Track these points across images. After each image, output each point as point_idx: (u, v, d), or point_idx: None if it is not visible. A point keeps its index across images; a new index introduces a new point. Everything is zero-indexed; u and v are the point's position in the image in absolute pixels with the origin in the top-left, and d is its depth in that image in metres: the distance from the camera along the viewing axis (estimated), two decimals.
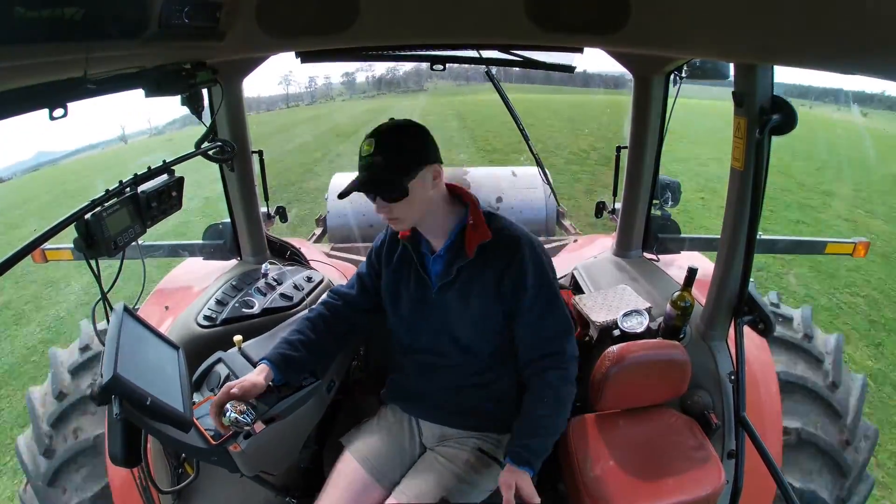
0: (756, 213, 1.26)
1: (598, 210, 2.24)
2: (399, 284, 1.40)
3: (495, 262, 1.28)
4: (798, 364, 1.81)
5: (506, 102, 2.68)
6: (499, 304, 1.30)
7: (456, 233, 1.32)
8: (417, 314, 1.38)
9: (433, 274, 1.35)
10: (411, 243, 1.37)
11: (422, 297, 1.36)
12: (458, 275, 1.30)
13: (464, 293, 1.31)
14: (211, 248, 2.05)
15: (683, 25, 1.05)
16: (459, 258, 1.30)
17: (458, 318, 1.33)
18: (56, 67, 0.77)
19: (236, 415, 1.16)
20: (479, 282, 1.30)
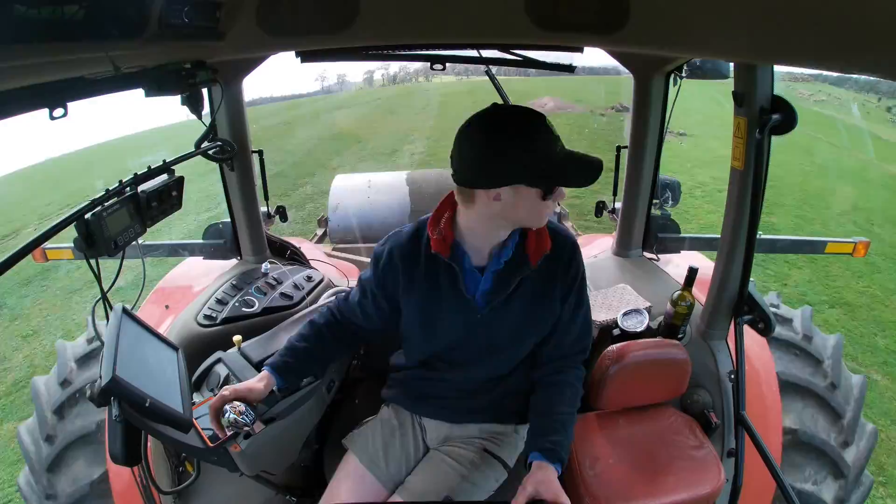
0: (756, 213, 1.26)
1: (598, 209, 2.24)
2: (433, 308, 1.25)
3: (555, 269, 1.22)
4: (797, 365, 1.81)
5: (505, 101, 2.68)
6: (552, 312, 1.24)
7: (515, 244, 1.20)
8: (458, 338, 1.27)
9: (480, 291, 1.22)
10: (455, 261, 1.19)
11: (465, 318, 1.23)
12: (518, 288, 1.20)
13: (524, 306, 1.22)
14: (211, 248, 2.05)
15: (683, 25, 1.05)
16: (521, 270, 1.19)
17: (506, 333, 1.25)
18: (56, 67, 0.77)
19: (235, 416, 1.17)
20: (542, 292, 1.22)
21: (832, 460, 1.62)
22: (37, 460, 1.65)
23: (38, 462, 1.65)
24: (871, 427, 1.73)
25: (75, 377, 1.79)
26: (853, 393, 1.75)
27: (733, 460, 1.38)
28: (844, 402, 1.72)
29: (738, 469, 1.35)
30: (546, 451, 1.15)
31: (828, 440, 1.64)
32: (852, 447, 1.66)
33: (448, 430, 1.41)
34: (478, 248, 1.21)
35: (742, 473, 1.35)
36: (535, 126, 1.06)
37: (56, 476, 1.62)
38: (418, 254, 1.23)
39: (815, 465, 1.62)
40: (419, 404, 1.42)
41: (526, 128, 1.06)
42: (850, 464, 1.62)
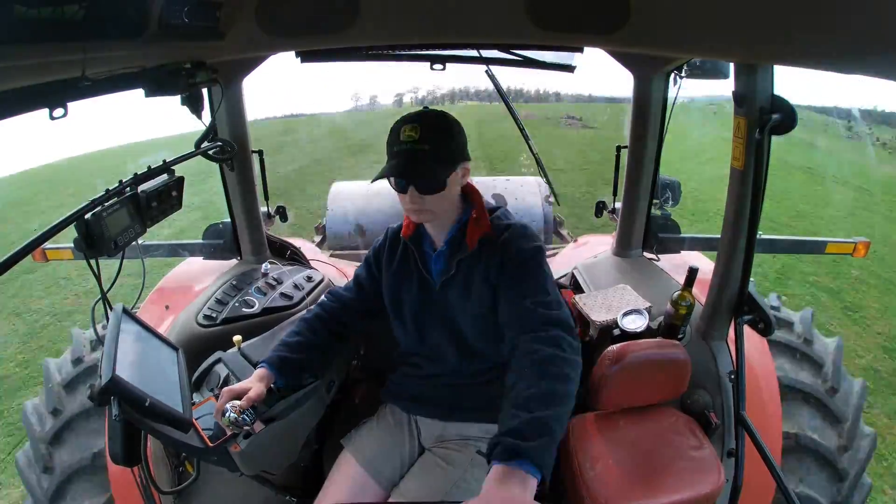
0: (756, 213, 1.26)
1: (598, 210, 2.24)
2: (401, 287, 1.38)
3: (492, 251, 1.26)
4: (798, 368, 1.80)
5: (506, 102, 2.68)
6: (490, 293, 1.27)
7: (457, 227, 1.30)
8: (421, 315, 1.37)
9: (435, 272, 1.33)
10: (413, 242, 1.36)
11: (425, 297, 1.35)
12: (459, 268, 1.29)
13: (465, 287, 1.29)
14: (211, 248, 2.05)
15: (683, 25, 1.05)
16: (460, 251, 1.28)
17: (461, 315, 1.32)
18: (56, 67, 0.77)
19: (235, 415, 1.17)
20: (478, 273, 1.27)
21: (831, 465, 1.61)
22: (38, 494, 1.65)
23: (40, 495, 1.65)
24: (870, 431, 1.72)
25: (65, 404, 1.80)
26: (853, 397, 1.74)
27: (733, 460, 1.38)
28: (844, 407, 1.71)
29: (738, 469, 1.35)
30: (499, 451, 0.87)
31: (827, 445, 1.63)
32: (851, 452, 1.65)
33: (442, 429, 1.41)
34: (434, 232, 1.34)
35: (742, 473, 1.35)
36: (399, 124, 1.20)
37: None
38: (399, 238, 1.40)
39: (814, 469, 1.62)
40: (413, 404, 1.44)
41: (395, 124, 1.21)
42: (849, 468, 1.62)
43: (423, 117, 1.20)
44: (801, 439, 1.63)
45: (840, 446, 1.65)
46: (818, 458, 1.62)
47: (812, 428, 1.66)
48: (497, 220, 1.30)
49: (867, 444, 1.68)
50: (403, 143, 1.17)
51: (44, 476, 1.65)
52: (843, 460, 1.62)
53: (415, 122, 1.18)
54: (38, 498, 1.63)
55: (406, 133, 1.18)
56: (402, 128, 1.19)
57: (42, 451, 1.67)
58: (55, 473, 1.64)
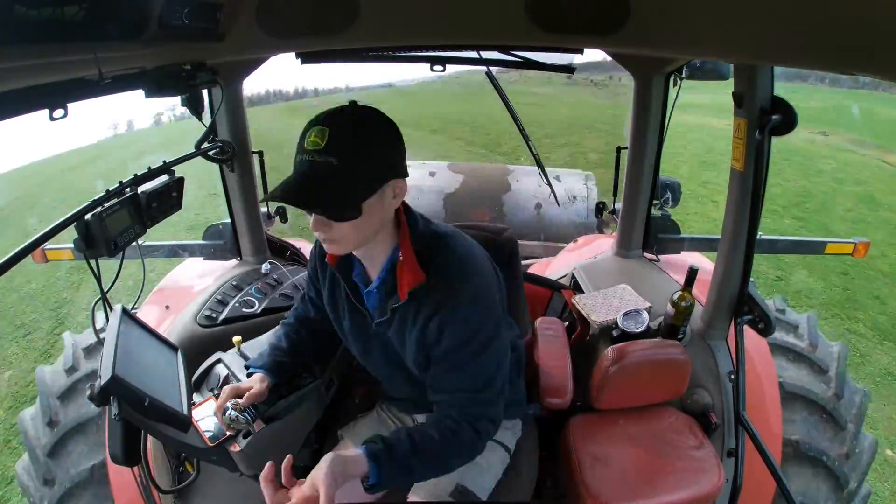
0: (756, 214, 1.27)
1: (598, 210, 2.24)
2: (337, 311, 1.21)
3: (428, 304, 1.02)
4: (802, 374, 1.78)
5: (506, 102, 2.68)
6: (421, 349, 1.07)
7: (387, 269, 1.07)
8: (361, 346, 1.20)
9: (370, 307, 1.14)
10: (341, 272, 1.14)
11: (362, 329, 1.17)
12: (393, 316, 1.08)
13: (400, 336, 1.10)
14: (211, 248, 2.05)
15: (683, 26, 1.05)
16: (392, 299, 1.07)
17: (398, 351, 1.15)
18: (56, 68, 0.77)
19: (236, 413, 1.17)
20: (412, 325, 1.06)
21: (832, 473, 1.61)
22: None
23: None
24: (871, 439, 1.72)
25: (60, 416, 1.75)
26: (856, 404, 1.74)
27: (733, 460, 1.38)
28: (847, 414, 1.70)
29: (738, 469, 1.35)
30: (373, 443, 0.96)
31: (829, 452, 1.62)
32: (853, 459, 1.64)
33: None
34: (368, 261, 1.10)
35: (742, 473, 1.35)
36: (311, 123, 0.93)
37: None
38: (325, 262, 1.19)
39: (814, 476, 1.60)
40: (405, 404, 1.42)
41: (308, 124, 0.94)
42: (849, 476, 1.61)
43: (337, 117, 0.92)
44: (802, 446, 1.61)
45: (842, 454, 1.64)
46: (819, 466, 1.61)
47: (814, 435, 1.65)
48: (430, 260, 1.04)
49: (869, 452, 1.67)
50: (306, 151, 0.91)
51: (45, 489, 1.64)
52: (845, 468, 1.62)
53: (324, 123, 0.91)
54: None
55: (310, 139, 0.90)
56: (309, 131, 0.91)
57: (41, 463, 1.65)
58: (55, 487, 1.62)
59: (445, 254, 1.05)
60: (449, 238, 1.09)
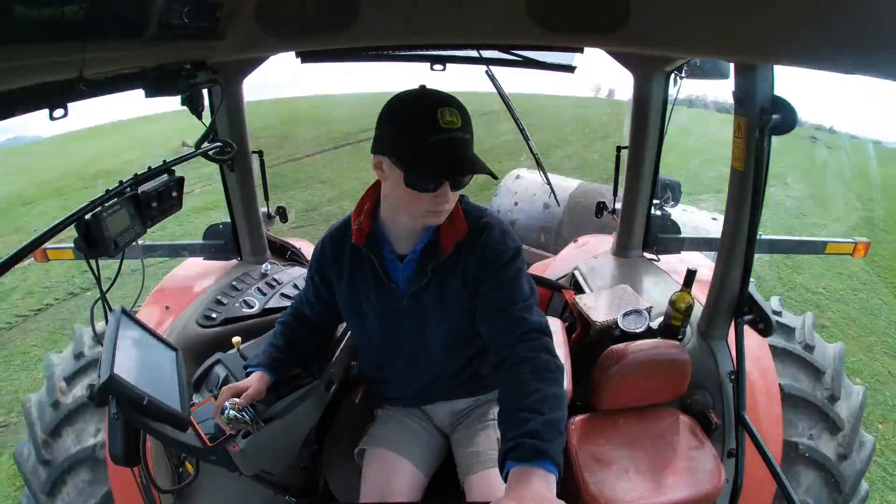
0: (756, 213, 1.26)
1: (598, 210, 2.23)
2: (359, 297, 1.25)
3: (468, 253, 1.15)
4: (798, 376, 1.78)
5: (506, 102, 2.68)
6: (466, 290, 1.17)
7: (432, 231, 1.16)
8: (388, 326, 1.25)
9: (401, 280, 1.20)
10: (371, 251, 1.19)
11: (390, 308, 1.23)
12: (433, 275, 1.17)
13: (439, 294, 1.18)
14: (211, 248, 2.05)
15: (683, 25, 1.05)
16: (435, 257, 1.16)
17: (434, 323, 1.22)
18: (56, 67, 0.77)
19: (235, 412, 1.17)
20: (455, 278, 1.16)
21: (829, 473, 1.60)
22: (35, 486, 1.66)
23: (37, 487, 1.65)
24: (869, 439, 1.72)
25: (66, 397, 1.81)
26: (852, 404, 1.74)
27: (733, 461, 1.37)
28: (844, 414, 1.70)
29: (739, 469, 1.35)
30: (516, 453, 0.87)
31: (827, 453, 1.62)
32: (850, 460, 1.64)
33: (450, 407, 1.41)
34: (398, 236, 1.19)
35: (742, 474, 1.35)
36: (428, 107, 0.99)
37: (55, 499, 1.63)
38: (345, 245, 1.23)
39: (811, 478, 1.60)
40: (408, 401, 1.42)
41: (418, 106, 1.01)
42: (847, 476, 1.61)
43: (455, 102, 1.02)
44: (800, 448, 1.61)
45: (839, 455, 1.64)
46: (817, 467, 1.61)
47: (811, 436, 1.65)
48: (472, 219, 1.18)
49: (866, 452, 1.67)
50: (445, 130, 0.98)
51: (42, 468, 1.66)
52: (842, 468, 1.62)
53: (451, 104, 1.00)
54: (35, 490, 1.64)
55: (447, 119, 0.98)
56: (440, 111, 0.98)
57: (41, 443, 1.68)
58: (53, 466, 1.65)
59: (479, 212, 1.19)
60: (479, 206, 1.22)
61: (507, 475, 0.86)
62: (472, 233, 1.16)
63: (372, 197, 1.21)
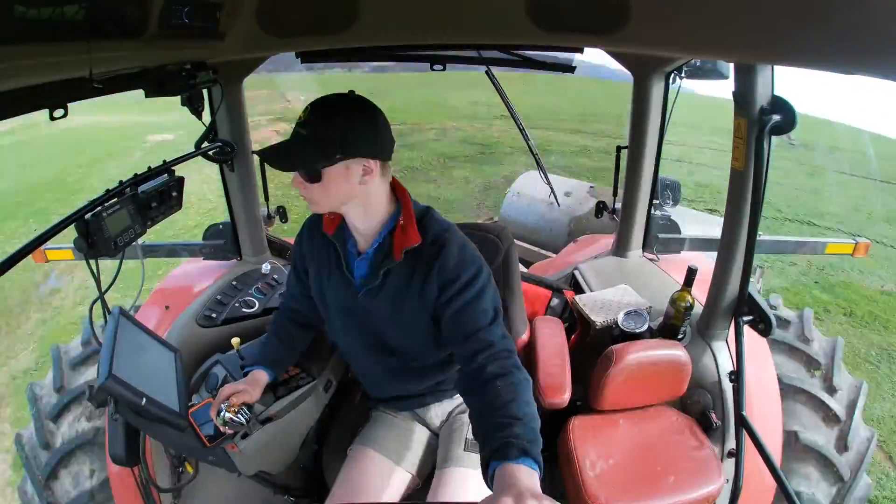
0: (756, 214, 1.26)
1: (598, 210, 2.23)
2: (323, 286, 1.29)
3: (422, 266, 1.15)
4: (796, 367, 1.80)
5: (505, 102, 2.69)
6: (425, 311, 1.18)
7: (384, 234, 1.19)
8: (345, 318, 1.28)
9: (357, 276, 1.23)
10: (338, 241, 1.24)
11: (349, 302, 1.25)
12: (385, 279, 1.19)
13: (393, 299, 1.20)
14: (211, 248, 2.05)
15: (683, 26, 1.05)
16: (387, 261, 1.17)
17: (387, 325, 1.23)
18: (56, 67, 0.77)
19: (230, 415, 1.17)
20: (406, 287, 1.17)
21: (830, 464, 1.61)
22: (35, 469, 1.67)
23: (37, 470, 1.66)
24: (868, 431, 1.72)
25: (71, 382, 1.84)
26: (852, 396, 1.74)
27: (734, 461, 1.37)
28: (843, 406, 1.71)
29: (739, 470, 1.35)
30: (501, 451, 0.90)
31: (826, 444, 1.63)
32: (851, 451, 1.65)
33: (441, 409, 1.42)
34: (356, 232, 1.22)
35: (742, 474, 1.35)
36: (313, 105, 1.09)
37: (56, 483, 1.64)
38: (317, 234, 1.29)
39: (812, 468, 1.61)
40: (393, 402, 1.43)
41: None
42: (848, 467, 1.61)
43: (322, 100, 1.10)
44: (799, 438, 1.62)
45: (840, 446, 1.65)
46: (817, 457, 1.61)
47: (810, 427, 1.66)
48: (430, 233, 1.17)
49: (866, 443, 1.68)
50: (298, 124, 1.09)
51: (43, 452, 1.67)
52: (842, 459, 1.62)
53: (313, 103, 1.09)
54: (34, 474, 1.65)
55: (301, 115, 1.09)
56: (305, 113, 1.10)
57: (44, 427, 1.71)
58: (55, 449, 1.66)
59: (440, 227, 1.19)
60: (444, 222, 1.22)
61: (493, 476, 0.88)
62: (427, 246, 1.16)
63: None
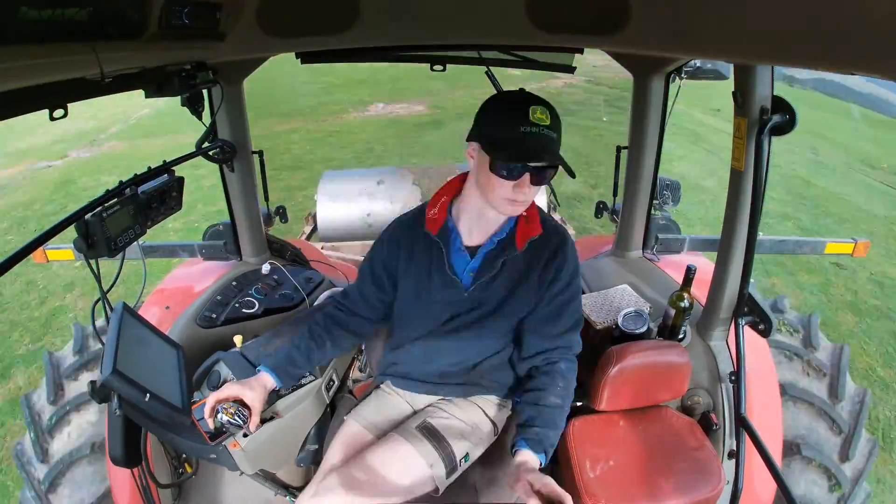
0: (756, 214, 1.26)
1: (598, 210, 2.23)
2: (424, 283, 1.31)
3: (542, 255, 1.26)
4: (801, 375, 1.78)
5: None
6: (535, 298, 1.28)
7: (512, 225, 1.27)
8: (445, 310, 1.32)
9: (465, 271, 1.28)
10: (442, 240, 1.28)
11: (451, 295, 1.30)
12: (503, 268, 1.26)
13: (508, 287, 1.27)
14: (211, 249, 2.05)
15: (683, 26, 1.05)
16: (508, 251, 1.26)
17: (490, 312, 1.29)
18: (56, 68, 0.77)
19: (227, 417, 1.16)
20: (525, 275, 1.26)
21: (831, 475, 1.60)
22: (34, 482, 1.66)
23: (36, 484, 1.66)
24: (871, 439, 1.71)
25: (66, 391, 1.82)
26: (855, 405, 1.73)
27: (734, 462, 1.37)
28: (846, 415, 1.70)
29: (739, 471, 1.35)
30: (531, 441, 1.15)
31: (828, 454, 1.62)
32: (853, 461, 1.64)
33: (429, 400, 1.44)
34: (471, 229, 1.28)
35: (742, 475, 1.35)
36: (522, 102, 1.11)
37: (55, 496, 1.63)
38: (418, 232, 1.31)
39: (813, 478, 1.60)
40: (412, 383, 1.43)
41: (514, 101, 1.14)
42: (849, 477, 1.60)
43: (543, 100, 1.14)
44: (801, 448, 1.61)
45: (842, 456, 1.64)
46: (818, 467, 1.60)
47: (813, 437, 1.65)
48: (549, 225, 1.29)
49: (868, 453, 1.67)
50: (535, 125, 1.09)
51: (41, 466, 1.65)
52: (844, 469, 1.61)
53: (543, 104, 1.12)
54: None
55: (537, 115, 1.10)
56: (532, 108, 1.10)
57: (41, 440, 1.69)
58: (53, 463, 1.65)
59: (552, 219, 1.33)
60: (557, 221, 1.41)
61: (514, 444, 1.16)
62: (548, 237, 1.27)
63: (450, 192, 1.31)
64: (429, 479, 1.25)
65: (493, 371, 1.35)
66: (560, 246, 1.27)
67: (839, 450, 1.64)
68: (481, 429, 1.36)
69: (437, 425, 1.33)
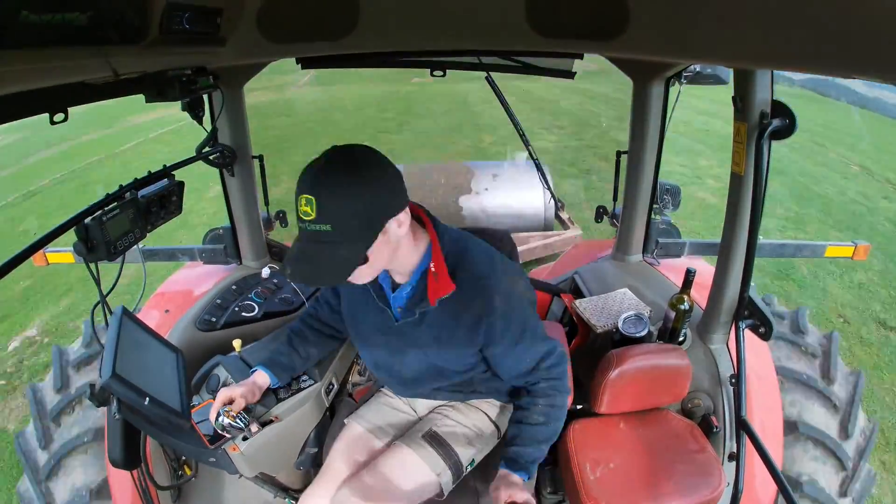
0: (756, 218, 1.26)
1: (599, 214, 2.24)
2: (357, 310, 1.28)
3: (463, 313, 1.12)
4: (792, 358, 1.80)
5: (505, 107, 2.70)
6: (471, 346, 1.18)
7: (417, 278, 1.14)
8: (381, 340, 1.26)
9: (394, 306, 1.21)
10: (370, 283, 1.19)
11: (385, 326, 1.23)
12: (423, 318, 1.16)
13: (436, 332, 1.17)
14: (211, 253, 2.05)
15: (682, 31, 1.05)
16: (423, 304, 1.13)
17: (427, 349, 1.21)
18: (58, 72, 0.77)
19: (229, 420, 1.17)
20: (452, 325, 1.15)
21: (832, 452, 1.60)
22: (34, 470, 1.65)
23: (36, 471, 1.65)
24: (871, 421, 1.71)
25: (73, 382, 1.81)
26: (850, 387, 1.74)
27: (734, 464, 1.37)
28: (842, 396, 1.71)
29: (739, 473, 1.34)
30: (510, 462, 1.17)
31: (827, 432, 1.62)
32: (852, 440, 1.64)
33: (430, 404, 1.45)
34: (392, 272, 1.18)
35: (743, 477, 1.34)
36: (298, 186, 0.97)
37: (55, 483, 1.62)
38: None
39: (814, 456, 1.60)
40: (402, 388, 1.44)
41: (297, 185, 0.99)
42: (850, 456, 1.61)
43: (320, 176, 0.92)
44: (800, 427, 1.61)
45: (841, 435, 1.64)
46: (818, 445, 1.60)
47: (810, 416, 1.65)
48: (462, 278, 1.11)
49: (867, 434, 1.67)
50: (302, 221, 0.94)
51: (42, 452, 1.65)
52: (845, 447, 1.61)
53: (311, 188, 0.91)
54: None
55: (302, 209, 0.92)
56: (299, 199, 0.93)
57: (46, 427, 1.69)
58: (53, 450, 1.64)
59: (470, 261, 1.13)
60: (467, 242, 1.16)
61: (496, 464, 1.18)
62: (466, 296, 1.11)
63: None
64: (436, 487, 1.28)
65: (486, 381, 1.33)
66: (485, 310, 1.10)
67: (838, 430, 1.64)
68: (485, 433, 1.38)
69: (443, 433, 1.33)
